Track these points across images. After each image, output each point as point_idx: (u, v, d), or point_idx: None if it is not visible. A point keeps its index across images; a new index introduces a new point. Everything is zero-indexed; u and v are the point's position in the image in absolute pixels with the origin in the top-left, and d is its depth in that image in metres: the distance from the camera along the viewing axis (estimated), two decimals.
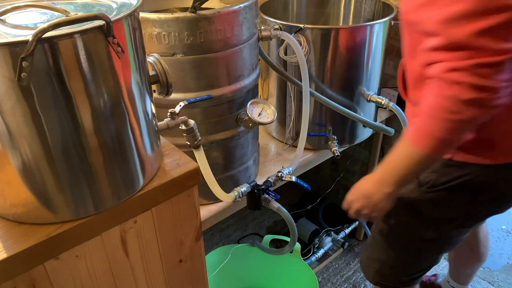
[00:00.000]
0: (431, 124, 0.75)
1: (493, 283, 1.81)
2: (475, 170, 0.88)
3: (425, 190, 0.96)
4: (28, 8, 0.62)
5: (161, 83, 0.73)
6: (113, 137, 0.63)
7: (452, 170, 0.91)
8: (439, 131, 0.75)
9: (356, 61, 1.33)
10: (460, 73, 0.68)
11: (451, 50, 0.69)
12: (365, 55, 1.33)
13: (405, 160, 0.82)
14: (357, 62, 1.34)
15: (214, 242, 2.02)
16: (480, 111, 0.71)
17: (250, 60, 1.09)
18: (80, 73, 0.54)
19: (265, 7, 1.45)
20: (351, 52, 1.30)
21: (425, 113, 0.76)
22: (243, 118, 1.12)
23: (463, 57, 0.68)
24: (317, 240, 1.86)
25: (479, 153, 0.87)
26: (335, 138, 1.46)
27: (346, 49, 1.29)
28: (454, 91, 0.70)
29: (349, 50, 1.30)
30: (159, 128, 0.79)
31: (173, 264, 0.83)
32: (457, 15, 0.66)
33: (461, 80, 0.69)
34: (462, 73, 0.68)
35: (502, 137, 0.85)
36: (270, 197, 1.19)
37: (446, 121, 0.73)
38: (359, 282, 1.80)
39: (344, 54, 1.30)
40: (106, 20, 0.53)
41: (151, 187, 0.72)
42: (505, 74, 0.68)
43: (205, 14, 0.92)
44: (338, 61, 1.31)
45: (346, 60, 1.32)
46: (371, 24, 1.30)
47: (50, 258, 0.64)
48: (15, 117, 0.54)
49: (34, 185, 0.60)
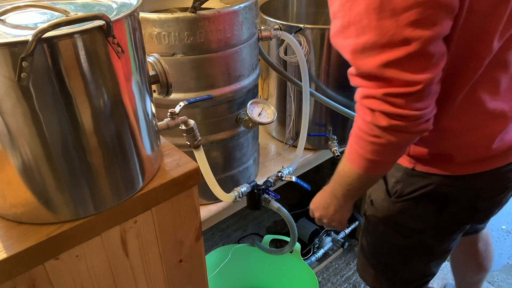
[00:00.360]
0: (358, 145, 0.76)
1: (493, 283, 1.81)
2: (438, 180, 0.87)
3: (394, 200, 0.95)
4: (28, 8, 0.62)
5: (161, 83, 0.73)
6: (113, 137, 0.63)
7: (416, 180, 0.90)
8: (366, 153, 0.75)
9: None
10: (374, 100, 0.69)
11: (365, 79, 0.69)
12: None
13: (346, 177, 0.83)
14: None
15: (214, 242, 2.02)
16: (401, 136, 0.71)
17: (250, 60, 1.09)
18: (80, 73, 0.54)
19: (265, 7, 1.45)
20: None
21: (354, 134, 0.77)
22: (243, 118, 1.12)
23: (375, 85, 0.68)
24: (317, 240, 1.86)
25: (438, 165, 0.86)
26: (335, 138, 1.46)
27: None
28: (370, 118, 0.70)
29: None
30: (159, 128, 0.79)
31: (173, 264, 0.83)
32: (364, 47, 0.65)
33: (374, 108, 0.69)
34: (375, 101, 0.68)
35: (458, 151, 0.84)
36: (270, 197, 1.19)
37: (370, 144, 0.73)
38: (359, 282, 1.80)
39: None
40: (106, 20, 0.53)
41: (151, 187, 0.72)
42: (425, 101, 0.68)
43: (205, 14, 0.92)
44: (338, 61, 1.31)
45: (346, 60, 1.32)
46: None
47: (50, 258, 0.64)
48: (15, 117, 0.54)
49: (34, 185, 0.60)
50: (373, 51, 0.65)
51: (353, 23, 0.65)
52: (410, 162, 0.90)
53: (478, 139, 0.82)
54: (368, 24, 0.63)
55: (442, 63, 0.67)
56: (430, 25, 0.62)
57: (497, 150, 0.83)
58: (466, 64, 0.73)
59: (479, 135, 0.81)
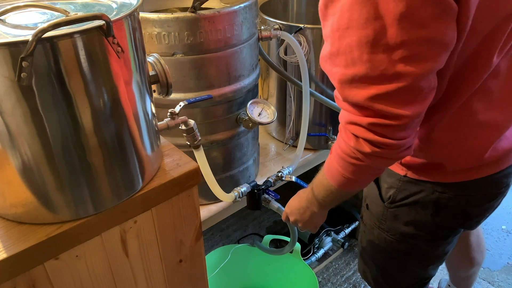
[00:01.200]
0: (338, 164, 0.77)
1: (493, 283, 1.81)
2: (429, 187, 0.87)
3: (388, 205, 0.95)
4: (28, 8, 0.62)
5: (161, 83, 0.73)
6: (113, 137, 0.63)
7: (408, 186, 0.90)
8: (345, 172, 0.76)
9: None
10: (358, 128, 0.69)
11: (351, 106, 0.69)
12: None
13: (323, 188, 0.85)
14: None
15: (214, 242, 2.02)
16: (382, 162, 0.72)
17: (250, 60, 1.09)
18: (80, 73, 0.54)
19: (265, 7, 1.45)
20: None
21: (335, 153, 0.77)
22: (243, 118, 1.12)
23: (361, 114, 0.67)
24: (317, 240, 1.86)
25: (430, 172, 0.87)
26: (335, 138, 1.46)
27: None
28: (354, 143, 0.70)
29: None
30: (159, 128, 0.79)
31: (173, 264, 0.83)
32: (353, 78, 0.64)
33: (358, 135, 0.69)
34: (360, 128, 0.68)
35: (450, 160, 0.84)
36: (270, 197, 1.19)
37: (351, 165, 0.74)
38: (359, 282, 1.80)
39: None
40: (106, 20, 0.53)
41: (151, 187, 0.72)
42: (409, 131, 0.68)
43: (205, 14, 0.92)
44: None
45: None
46: None
47: (50, 258, 0.64)
48: (15, 117, 0.54)
49: (34, 185, 0.60)
50: (362, 83, 0.64)
51: (343, 53, 0.64)
52: (402, 169, 0.90)
53: (470, 149, 0.81)
54: (359, 56, 0.62)
55: (431, 96, 0.66)
56: (423, 61, 0.61)
57: (489, 158, 0.82)
58: (464, 78, 0.72)
59: (471, 145, 0.81)
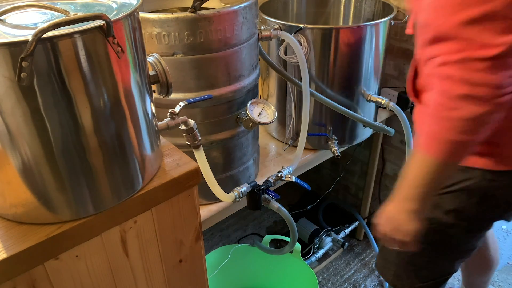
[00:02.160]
0: (435, 125, 0.71)
1: (493, 283, 1.81)
2: (477, 175, 0.85)
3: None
4: (28, 8, 0.62)
5: (161, 83, 0.73)
6: (113, 137, 0.63)
7: (455, 174, 0.87)
8: (444, 132, 0.70)
9: (356, 61, 1.33)
10: (451, 66, 0.64)
11: (442, 43, 0.65)
12: (365, 55, 1.33)
13: (421, 171, 0.76)
14: (357, 62, 1.34)
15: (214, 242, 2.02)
16: (480, 108, 0.65)
17: (250, 60, 1.09)
18: (80, 73, 0.54)
19: (265, 7, 1.45)
20: (351, 52, 1.31)
21: (429, 115, 0.72)
22: (243, 118, 1.12)
23: (454, 50, 0.63)
24: (317, 240, 1.86)
25: (482, 157, 0.83)
26: (335, 138, 1.46)
27: (346, 49, 1.29)
28: (446, 86, 0.66)
29: (349, 50, 1.30)
30: (159, 128, 0.79)
31: (173, 264, 0.83)
32: (444, 4, 0.62)
33: (451, 74, 0.65)
34: (452, 66, 0.64)
35: (508, 143, 0.81)
36: (270, 197, 1.19)
37: (447, 120, 0.68)
38: (359, 282, 1.80)
39: (344, 54, 1.30)
40: (106, 20, 0.53)
41: (151, 187, 0.72)
42: (507, 71, 0.63)
43: (205, 14, 0.92)
44: (338, 61, 1.31)
45: (346, 60, 1.32)
46: (371, 24, 1.30)
47: (50, 258, 0.64)
48: (15, 117, 0.54)
49: (34, 185, 0.60)
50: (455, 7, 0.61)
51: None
52: None
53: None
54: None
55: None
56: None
57: None
58: None
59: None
